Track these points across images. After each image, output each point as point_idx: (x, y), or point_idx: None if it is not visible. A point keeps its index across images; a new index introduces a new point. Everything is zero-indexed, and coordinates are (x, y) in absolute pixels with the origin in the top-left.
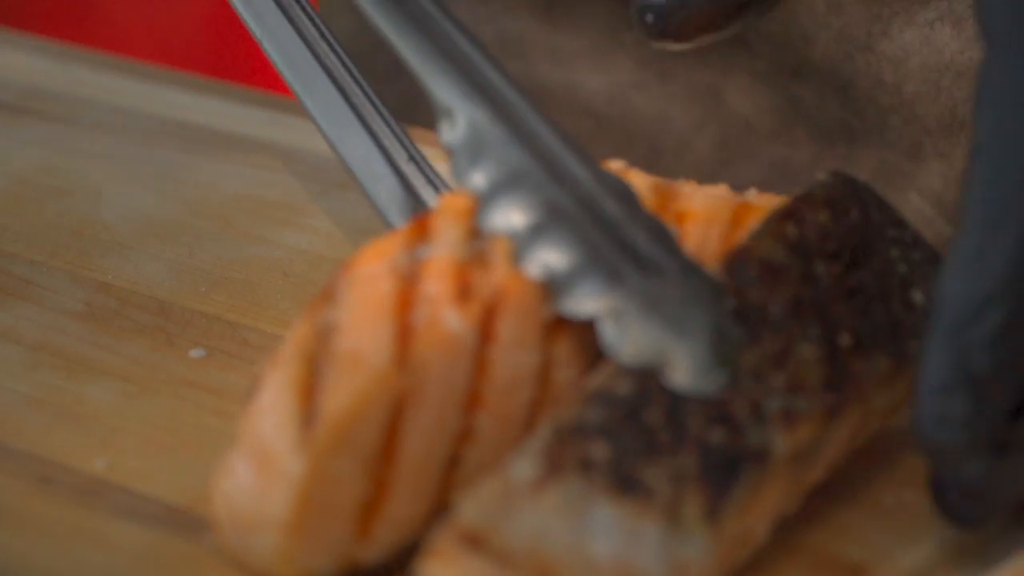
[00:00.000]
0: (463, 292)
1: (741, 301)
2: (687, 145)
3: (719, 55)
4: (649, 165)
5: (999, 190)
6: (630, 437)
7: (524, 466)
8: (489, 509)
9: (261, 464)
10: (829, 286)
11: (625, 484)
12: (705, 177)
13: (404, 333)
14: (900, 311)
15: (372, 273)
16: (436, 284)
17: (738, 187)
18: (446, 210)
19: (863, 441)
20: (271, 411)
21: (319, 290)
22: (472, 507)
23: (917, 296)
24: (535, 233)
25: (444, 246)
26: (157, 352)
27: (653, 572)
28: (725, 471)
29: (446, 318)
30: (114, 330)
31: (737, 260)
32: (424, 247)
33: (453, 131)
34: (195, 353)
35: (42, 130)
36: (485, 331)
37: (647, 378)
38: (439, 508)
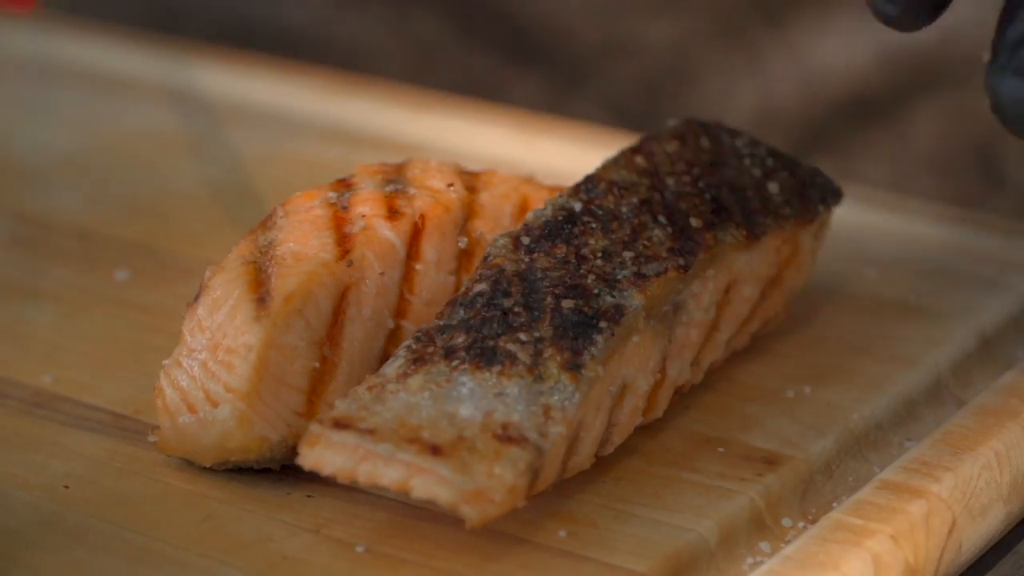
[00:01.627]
0: (392, 212)
1: (589, 207)
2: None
3: None
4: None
5: None
6: (488, 322)
7: (390, 366)
8: (360, 402)
9: (215, 348)
10: (679, 191)
11: (486, 358)
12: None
13: (343, 239)
14: (756, 200)
15: (305, 205)
16: (368, 206)
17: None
18: (363, 169)
19: (760, 321)
20: (223, 301)
21: (228, 214)
22: (344, 403)
23: (773, 188)
24: None
25: (367, 187)
26: (85, 275)
27: (518, 417)
28: (580, 328)
29: (380, 228)
30: (41, 256)
31: (586, 182)
32: (341, 192)
33: None
34: (120, 275)
35: None
36: (412, 248)
37: (504, 278)
38: None
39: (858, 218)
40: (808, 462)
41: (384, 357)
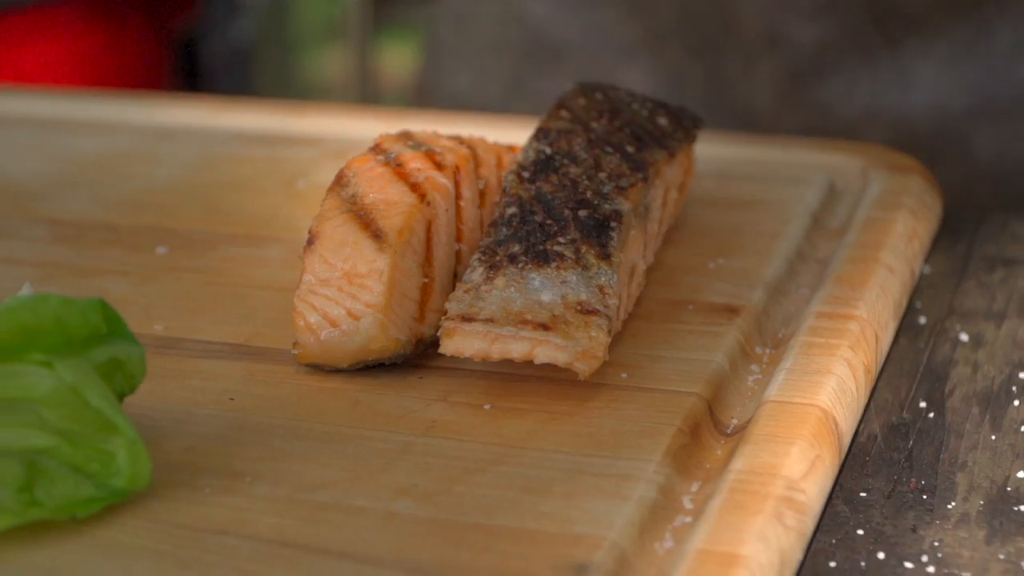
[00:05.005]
0: (438, 165)
1: (554, 149)
2: None
3: None
4: None
5: None
6: (532, 234)
7: (473, 273)
8: (463, 302)
9: (350, 276)
10: (605, 130)
11: (542, 258)
12: None
13: (414, 187)
14: (657, 131)
15: (366, 167)
16: (418, 162)
17: None
18: (384, 139)
19: (672, 216)
20: (345, 241)
21: (211, 199)
22: (453, 304)
23: (662, 121)
24: None
25: (401, 150)
26: (134, 255)
27: (585, 296)
28: (600, 228)
29: (437, 177)
30: (87, 245)
31: (541, 132)
32: (384, 155)
33: None
34: (161, 250)
35: None
36: (456, 190)
37: (526, 202)
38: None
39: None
40: (754, 307)
41: (455, 273)
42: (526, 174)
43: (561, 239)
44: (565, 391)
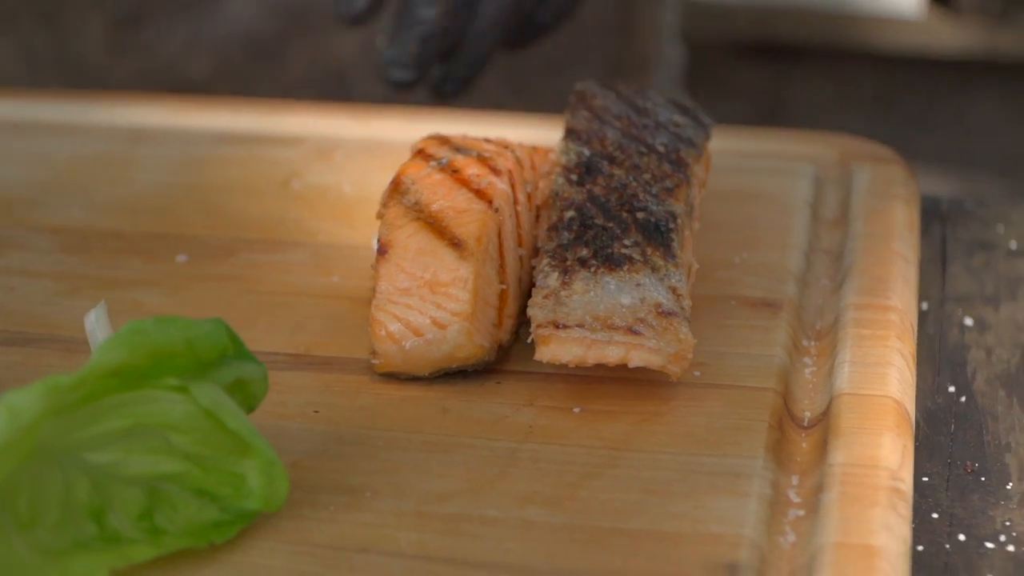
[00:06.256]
0: (495, 170)
1: (590, 148)
2: None
3: None
4: None
5: None
6: (597, 237)
7: (548, 279)
8: (546, 308)
9: (432, 285)
10: (629, 130)
11: (612, 261)
12: None
13: (478, 194)
14: (674, 126)
15: (422, 174)
16: (475, 168)
17: None
18: (427, 143)
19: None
20: (424, 250)
21: (208, 204)
22: (537, 310)
23: (678, 118)
24: None
25: (451, 155)
26: (153, 263)
27: (662, 298)
28: (660, 231)
29: (497, 183)
30: (100, 254)
31: (571, 132)
32: (436, 161)
33: None
34: (181, 258)
35: None
36: (513, 196)
37: (582, 204)
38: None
39: None
40: (791, 301)
41: (519, 276)
42: (574, 176)
43: (626, 242)
44: (646, 391)
